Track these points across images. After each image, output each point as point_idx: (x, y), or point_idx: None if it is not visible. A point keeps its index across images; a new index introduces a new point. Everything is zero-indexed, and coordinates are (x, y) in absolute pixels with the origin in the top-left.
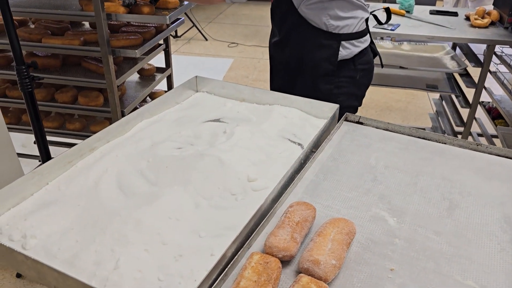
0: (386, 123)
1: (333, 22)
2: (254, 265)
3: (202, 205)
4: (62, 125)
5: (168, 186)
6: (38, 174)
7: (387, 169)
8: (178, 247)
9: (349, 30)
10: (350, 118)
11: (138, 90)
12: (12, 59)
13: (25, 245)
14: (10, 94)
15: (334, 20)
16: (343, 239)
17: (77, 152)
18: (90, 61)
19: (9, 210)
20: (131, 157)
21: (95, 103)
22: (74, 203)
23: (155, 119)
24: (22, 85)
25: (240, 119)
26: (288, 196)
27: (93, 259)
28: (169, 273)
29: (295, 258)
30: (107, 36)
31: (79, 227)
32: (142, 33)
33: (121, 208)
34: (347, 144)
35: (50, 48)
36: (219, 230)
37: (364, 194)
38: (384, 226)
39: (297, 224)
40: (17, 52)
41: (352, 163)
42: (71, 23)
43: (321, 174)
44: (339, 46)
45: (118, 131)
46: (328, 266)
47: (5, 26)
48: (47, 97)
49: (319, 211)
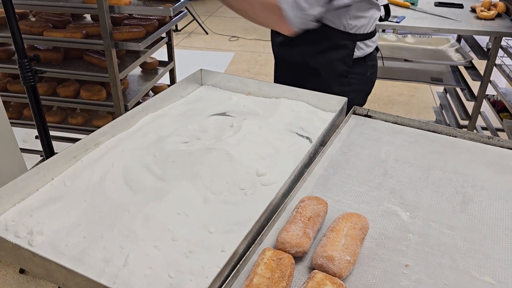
0: (395, 116)
1: (352, 21)
2: (267, 261)
3: (211, 200)
4: (64, 120)
5: (176, 180)
6: (43, 169)
7: (398, 163)
8: (188, 243)
9: (364, 31)
10: (359, 111)
11: (140, 84)
12: (13, 53)
13: (31, 242)
14: (11, 88)
15: (352, 19)
16: (356, 235)
17: (82, 146)
18: (92, 54)
19: (15, 206)
20: (137, 152)
21: (98, 97)
22: (80, 198)
23: (160, 113)
24: (25, 79)
25: (247, 113)
26: (298, 190)
27: (101, 256)
28: (179, 269)
29: (308, 254)
30: (110, 29)
31: (86, 223)
32: (145, 25)
33: (129, 204)
34: (356, 137)
35: (52, 41)
36: (229, 226)
37: (376, 189)
38: (397, 221)
39: (309, 219)
40: (19, 45)
41: (362, 157)
42: (72, 15)
43: (331, 168)
44: (355, 47)
45: (123, 125)
46: (343, 262)
47: (7, 19)
48: (49, 91)
49: (330, 206)
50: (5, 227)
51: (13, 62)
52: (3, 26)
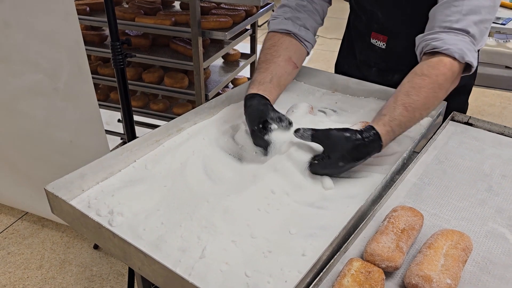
0: (502, 126)
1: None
2: (354, 273)
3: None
4: (146, 105)
5: (257, 175)
6: (126, 150)
7: (505, 179)
8: (267, 242)
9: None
10: (458, 118)
11: (222, 75)
12: (105, 37)
13: (111, 222)
14: (101, 71)
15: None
16: (458, 256)
17: (164, 131)
18: (178, 42)
19: (98, 184)
20: (218, 141)
21: (180, 84)
22: (160, 183)
23: (242, 104)
24: (115, 61)
25: (333, 109)
26: (389, 198)
27: (178, 245)
28: (257, 269)
29: (399, 271)
30: (199, 17)
31: (165, 209)
32: (232, 16)
33: (209, 194)
34: (455, 146)
35: (143, 27)
36: (311, 229)
37: (478, 205)
38: (504, 244)
39: (402, 231)
40: (113, 29)
41: (461, 168)
42: (162, 3)
43: (426, 178)
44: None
45: (205, 113)
46: (442, 285)
47: (105, 4)
48: (135, 76)
49: (425, 220)
50: (87, 204)
51: (105, 46)
52: (98, 11)
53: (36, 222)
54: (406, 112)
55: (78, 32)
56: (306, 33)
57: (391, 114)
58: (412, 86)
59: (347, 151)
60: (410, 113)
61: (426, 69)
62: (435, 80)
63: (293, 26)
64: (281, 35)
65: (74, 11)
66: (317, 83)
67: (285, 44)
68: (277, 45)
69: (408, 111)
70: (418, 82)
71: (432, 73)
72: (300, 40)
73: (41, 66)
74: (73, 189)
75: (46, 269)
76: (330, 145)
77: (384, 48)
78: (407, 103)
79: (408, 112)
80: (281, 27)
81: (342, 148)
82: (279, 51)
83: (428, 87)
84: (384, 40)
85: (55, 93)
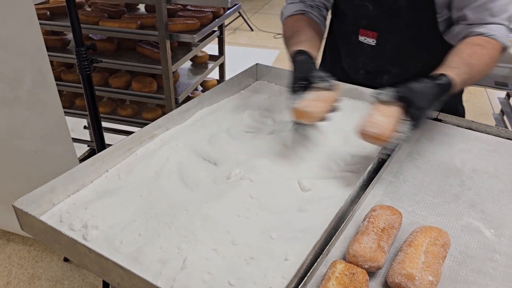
0: (470, 121)
1: None
2: (339, 275)
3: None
4: (113, 111)
5: (234, 180)
6: (98, 160)
7: (476, 173)
8: (249, 248)
9: None
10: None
11: (190, 77)
12: (68, 42)
13: (86, 236)
14: (64, 77)
15: None
16: (438, 252)
17: (137, 139)
18: (145, 46)
19: (69, 197)
20: (192, 147)
21: (149, 89)
22: (135, 193)
23: (215, 107)
24: (81, 67)
25: None
26: (366, 197)
27: (158, 257)
28: (240, 277)
29: (381, 270)
30: (166, 20)
31: (142, 219)
32: (199, 17)
33: (187, 202)
34: (427, 142)
35: (107, 31)
36: (292, 232)
37: (453, 200)
38: (480, 238)
39: (382, 231)
40: (78, 34)
41: (434, 164)
42: (126, 6)
43: (401, 175)
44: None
45: (178, 118)
46: (424, 283)
47: (67, 8)
48: (101, 81)
49: (403, 217)
50: (59, 219)
51: (68, 51)
52: (59, 15)
53: (0, 236)
54: (471, 71)
55: (39, 38)
56: (318, 12)
57: (460, 69)
58: (474, 51)
59: (433, 96)
60: (472, 75)
61: (481, 42)
62: (491, 53)
63: (305, 6)
64: (298, 16)
65: (35, 16)
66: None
67: (304, 20)
68: (298, 21)
69: (471, 72)
70: (478, 50)
71: (488, 46)
72: (314, 19)
73: (2, 74)
74: (43, 203)
75: (13, 285)
76: (418, 95)
77: (374, 45)
78: (472, 64)
79: (470, 75)
80: (295, 9)
81: (428, 95)
82: (301, 26)
83: (486, 56)
84: (373, 37)
85: (17, 102)
